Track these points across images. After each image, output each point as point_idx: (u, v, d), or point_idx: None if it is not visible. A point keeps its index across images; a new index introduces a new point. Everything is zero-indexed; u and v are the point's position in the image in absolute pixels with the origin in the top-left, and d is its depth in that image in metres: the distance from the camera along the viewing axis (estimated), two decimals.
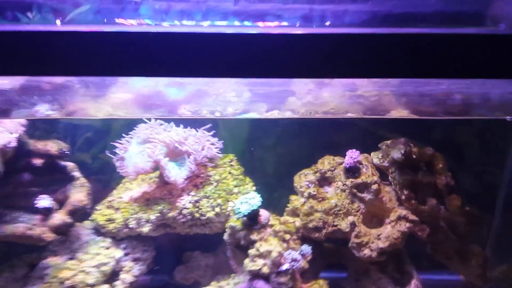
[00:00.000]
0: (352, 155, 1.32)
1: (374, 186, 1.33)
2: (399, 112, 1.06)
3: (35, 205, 1.23)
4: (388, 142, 1.36)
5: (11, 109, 1.15)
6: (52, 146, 1.22)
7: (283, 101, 1.18)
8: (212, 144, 1.32)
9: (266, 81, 1.20)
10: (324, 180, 1.42)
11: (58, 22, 1.45)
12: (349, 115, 1.12)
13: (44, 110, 1.12)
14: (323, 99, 1.07)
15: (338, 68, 0.88)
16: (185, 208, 1.28)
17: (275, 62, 0.87)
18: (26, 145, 1.20)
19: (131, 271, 1.34)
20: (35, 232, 1.20)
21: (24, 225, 1.20)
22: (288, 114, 1.18)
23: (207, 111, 1.21)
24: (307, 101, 1.14)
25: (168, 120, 1.35)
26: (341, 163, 1.39)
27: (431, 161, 1.35)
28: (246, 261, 1.27)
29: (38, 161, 1.22)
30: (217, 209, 1.30)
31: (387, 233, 1.31)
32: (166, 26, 1.04)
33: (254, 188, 1.36)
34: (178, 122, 1.35)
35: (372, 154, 1.40)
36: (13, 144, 1.13)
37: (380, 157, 1.36)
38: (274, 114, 1.18)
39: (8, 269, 1.33)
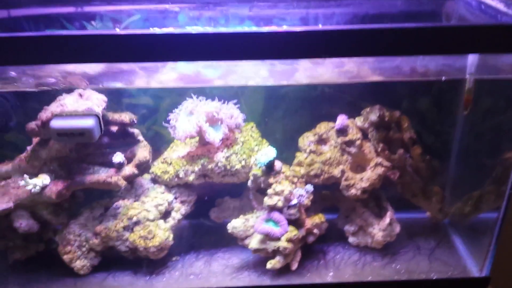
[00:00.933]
0: (342, 119, 1.71)
1: (358, 142, 1.73)
2: (373, 78, 1.51)
3: (111, 160, 1.64)
4: (368, 109, 1.73)
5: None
6: (125, 116, 1.63)
7: (291, 76, 1.61)
8: (238, 114, 1.76)
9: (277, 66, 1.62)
10: (321, 141, 1.78)
11: (117, 29, 1.87)
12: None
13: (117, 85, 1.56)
14: (319, 73, 1.51)
15: (328, 51, 1.28)
16: (219, 161, 1.70)
17: (284, 48, 1.22)
18: (106, 116, 1.62)
19: (179, 210, 1.77)
20: (113, 179, 1.62)
21: (105, 174, 1.64)
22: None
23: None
24: (307, 75, 1.58)
25: (203, 90, 1.73)
26: (334, 127, 1.78)
27: (399, 121, 1.72)
28: (265, 198, 1.66)
29: (114, 128, 1.64)
30: (243, 162, 1.72)
31: (368, 176, 1.68)
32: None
33: (269, 146, 1.80)
34: (212, 97, 1.71)
35: (356, 118, 1.75)
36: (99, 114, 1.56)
37: (362, 120, 1.73)
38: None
39: (88, 210, 1.71)
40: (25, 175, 1.55)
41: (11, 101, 1.67)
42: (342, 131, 1.76)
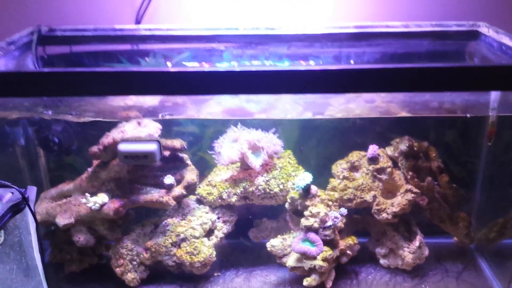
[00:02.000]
0: (373, 148, 1.82)
1: (389, 170, 1.79)
2: (402, 114, 1.65)
3: (163, 182, 1.78)
4: (397, 139, 1.85)
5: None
6: (177, 142, 1.76)
7: (325, 110, 1.75)
8: (277, 143, 1.91)
9: (312, 101, 1.76)
10: (353, 168, 1.88)
11: (169, 63, 2.06)
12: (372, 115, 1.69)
13: (169, 116, 1.74)
14: (350, 108, 1.66)
15: (359, 87, 1.40)
16: (260, 185, 1.83)
17: (318, 84, 1.29)
18: (160, 142, 1.82)
19: (221, 229, 1.90)
20: (164, 199, 1.77)
21: (157, 194, 1.80)
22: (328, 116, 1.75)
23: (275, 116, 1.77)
24: (340, 109, 1.73)
25: (246, 122, 1.85)
26: (365, 155, 1.85)
27: (427, 152, 1.84)
28: (302, 220, 1.78)
29: (166, 153, 1.81)
30: (281, 186, 1.83)
31: (398, 202, 1.72)
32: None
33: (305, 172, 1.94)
34: (253, 126, 1.84)
35: (386, 148, 1.81)
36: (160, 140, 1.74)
37: (392, 150, 1.80)
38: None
39: (140, 227, 1.86)
40: (87, 194, 1.73)
41: (73, 127, 1.87)
42: (373, 160, 1.87)
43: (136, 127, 1.73)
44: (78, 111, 1.70)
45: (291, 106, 1.70)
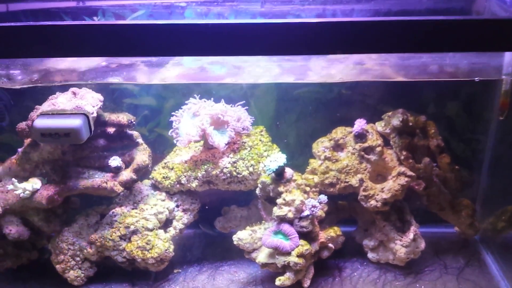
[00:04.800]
0: (360, 123, 1.58)
1: (378, 149, 1.60)
2: (397, 78, 1.36)
3: (108, 164, 1.52)
4: (389, 113, 1.60)
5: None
6: (123, 117, 1.52)
7: (304, 75, 1.47)
8: (246, 117, 1.62)
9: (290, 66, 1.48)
10: (337, 147, 1.66)
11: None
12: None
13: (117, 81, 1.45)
14: (335, 71, 1.38)
15: (345, 47, 1.15)
16: (225, 167, 1.57)
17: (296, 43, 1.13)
18: (103, 116, 1.50)
19: (181, 219, 1.65)
20: (108, 185, 1.50)
21: (100, 179, 1.52)
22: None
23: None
24: (322, 74, 1.44)
25: (209, 91, 1.63)
26: (351, 132, 1.64)
27: (425, 127, 1.60)
28: (275, 208, 1.53)
29: (111, 130, 1.52)
30: (251, 169, 1.59)
31: (389, 187, 1.56)
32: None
33: (280, 152, 1.66)
34: (217, 99, 1.62)
35: (376, 123, 1.63)
36: (94, 114, 1.44)
37: (383, 125, 1.61)
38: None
39: (83, 217, 1.61)
40: (13, 179, 1.45)
41: (4, 99, 1.57)
42: (360, 137, 1.62)
43: (71, 99, 1.43)
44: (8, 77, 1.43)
45: (265, 68, 1.47)
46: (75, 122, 1.29)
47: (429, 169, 1.58)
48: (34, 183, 1.47)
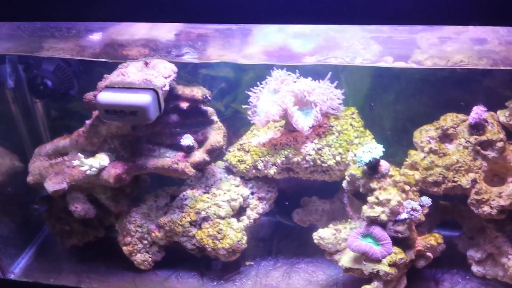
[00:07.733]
0: (478, 111, 1.32)
1: (499, 144, 1.32)
2: None
3: (179, 143, 1.41)
4: None
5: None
6: (197, 91, 1.37)
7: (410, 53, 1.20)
8: (336, 95, 1.39)
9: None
10: (445, 137, 1.42)
11: None
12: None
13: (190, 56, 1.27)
14: (448, 52, 1.09)
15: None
16: (308, 154, 1.38)
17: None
18: (176, 89, 1.36)
19: (255, 209, 1.49)
20: (179, 166, 1.37)
21: (170, 159, 1.39)
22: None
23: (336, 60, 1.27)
24: (431, 54, 1.16)
25: (294, 68, 1.42)
26: (465, 121, 1.38)
27: None
28: (365, 207, 1.34)
29: (184, 105, 1.37)
30: (338, 158, 1.38)
31: (509, 191, 1.30)
32: None
33: (374, 140, 1.42)
34: (303, 72, 1.42)
35: (498, 112, 1.37)
36: (167, 87, 1.29)
37: (507, 115, 1.34)
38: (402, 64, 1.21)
39: (152, 198, 1.52)
40: (79, 154, 1.35)
41: (73, 65, 1.46)
42: (477, 127, 1.37)
43: (142, 69, 1.29)
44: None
45: (362, 44, 1.23)
46: (144, 99, 1.14)
47: None
48: (102, 160, 1.36)
